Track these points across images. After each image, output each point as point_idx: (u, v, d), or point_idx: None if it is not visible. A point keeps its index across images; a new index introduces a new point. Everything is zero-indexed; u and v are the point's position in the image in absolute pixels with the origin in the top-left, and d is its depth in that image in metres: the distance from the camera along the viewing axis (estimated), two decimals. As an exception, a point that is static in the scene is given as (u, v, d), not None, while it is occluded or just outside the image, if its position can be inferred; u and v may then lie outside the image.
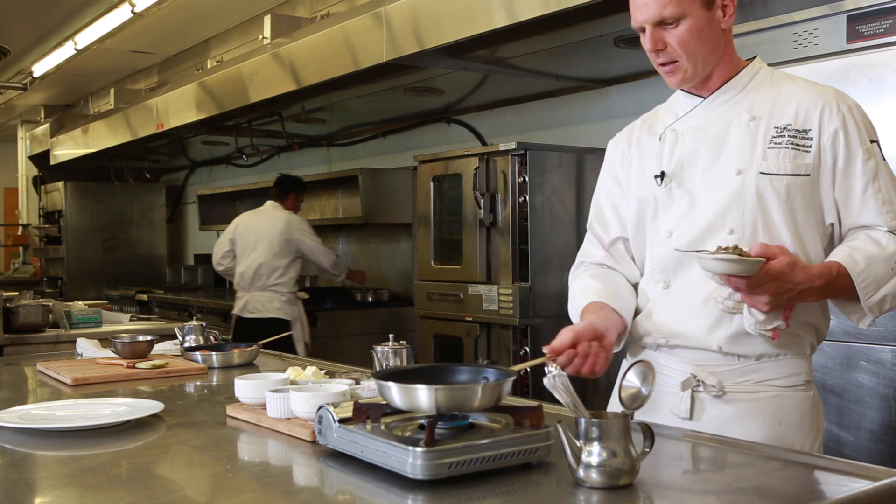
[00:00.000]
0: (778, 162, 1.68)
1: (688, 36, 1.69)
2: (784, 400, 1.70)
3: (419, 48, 3.73)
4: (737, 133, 1.73)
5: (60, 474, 1.47)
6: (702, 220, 1.73)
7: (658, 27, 1.70)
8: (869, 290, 1.63)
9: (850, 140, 1.68)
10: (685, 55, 1.71)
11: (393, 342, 2.06)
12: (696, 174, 1.76)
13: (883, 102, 2.45)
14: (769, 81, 1.78)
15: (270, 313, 5.28)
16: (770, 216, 1.69)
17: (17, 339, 3.82)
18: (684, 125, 1.81)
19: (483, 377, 1.48)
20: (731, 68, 1.78)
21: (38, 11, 6.65)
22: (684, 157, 1.79)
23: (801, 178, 1.68)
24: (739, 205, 1.70)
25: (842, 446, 2.52)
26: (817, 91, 1.73)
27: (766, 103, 1.74)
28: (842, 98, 1.72)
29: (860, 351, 2.50)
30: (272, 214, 5.46)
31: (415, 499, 1.24)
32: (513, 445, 1.33)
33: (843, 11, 2.52)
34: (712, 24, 1.71)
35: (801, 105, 1.71)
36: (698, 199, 1.75)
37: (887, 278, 1.64)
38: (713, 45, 1.72)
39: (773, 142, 1.69)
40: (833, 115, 1.69)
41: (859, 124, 1.70)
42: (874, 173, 1.69)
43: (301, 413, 1.63)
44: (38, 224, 9.59)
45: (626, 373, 1.41)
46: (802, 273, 1.58)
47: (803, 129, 1.69)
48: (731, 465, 1.47)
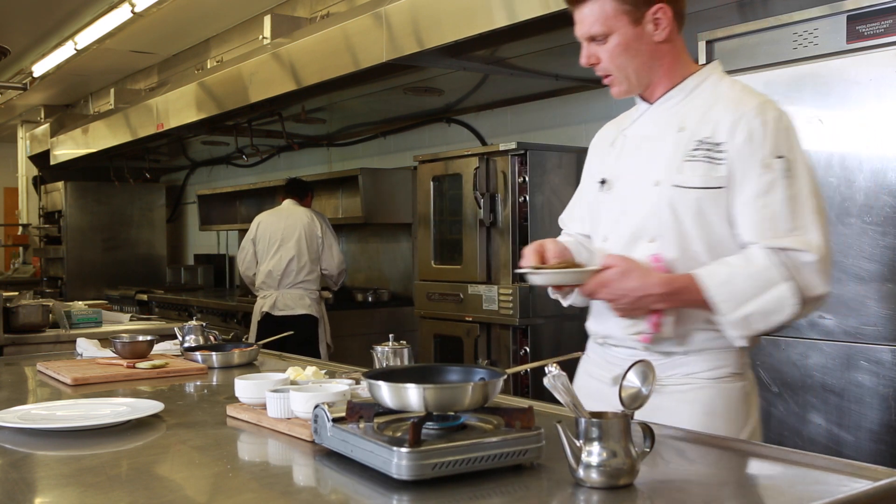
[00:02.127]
0: (692, 175, 1.71)
1: (616, 51, 1.76)
2: (711, 391, 1.74)
3: (419, 48, 3.73)
4: (665, 143, 1.78)
5: (60, 474, 1.47)
6: (628, 228, 1.80)
7: (591, 42, 1.79)
8: (728, 306, 1.64)
9: (753, 153, 1.69)
10: (615, 69, 1.79)
11: (393, 342, 2.07)
12: (629, 182, 1.83)
13: (883, 102, 2.45)
14: (710, 91, 1.80)
15: (302, 310, 5.28)
16: (684, 227, 1.72)
17: (17, 339, 3.82)
18: (632, 131, 1.89)
19: (473, 377, 1.49)
20: (674, 77, 1.81)
21: (38, 11, 6.65)
22: (623, 165, 1.86)
23: (713, 192, 1.70)
24: (656, 215, 1.75)
25: (842, 446, 2.52)
26: (740, 103, 1.74)
27: (696, 114, 1.77)
28: (761, 111, 1.71)
29: (860, 351, 2.50)
30: (294, 210, 5.46)
31: (400, 499, 1.24)
32: (502, 447, 1.33)
33: (843, 11, 2.52)
34: (642, 39, 1.76)
35: (721, 117, 1.73)
36: (627, 206, 1.82)
37: (751, 295, 1.63)
38: (645, 59, 1.77)
39: (690, 154, 1.73)
40: (743, 128, 1.70)
41: (767, 138, 1.69)
42: (767, 188, 1.67)
43: (301, 413, 1.63)
44: (38, 224, 9.59)
45: (627, 373, 1.41)
46: (637, 280, 1.65)
47: (717, 141, 1.71)
48: (731, 465, 1.47)
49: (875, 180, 2.47)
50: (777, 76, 2.67)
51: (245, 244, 5.53)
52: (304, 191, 5.61)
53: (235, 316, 6.17)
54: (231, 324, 6.15)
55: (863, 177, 2.49)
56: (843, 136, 2.54)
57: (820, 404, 2.59)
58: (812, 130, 2.60)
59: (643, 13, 1.74)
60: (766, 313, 1.64)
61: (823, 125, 2.58)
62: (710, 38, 2.84)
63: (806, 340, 2.62)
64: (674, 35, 1.79)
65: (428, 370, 1.58)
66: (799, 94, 2.63)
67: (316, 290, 5.38)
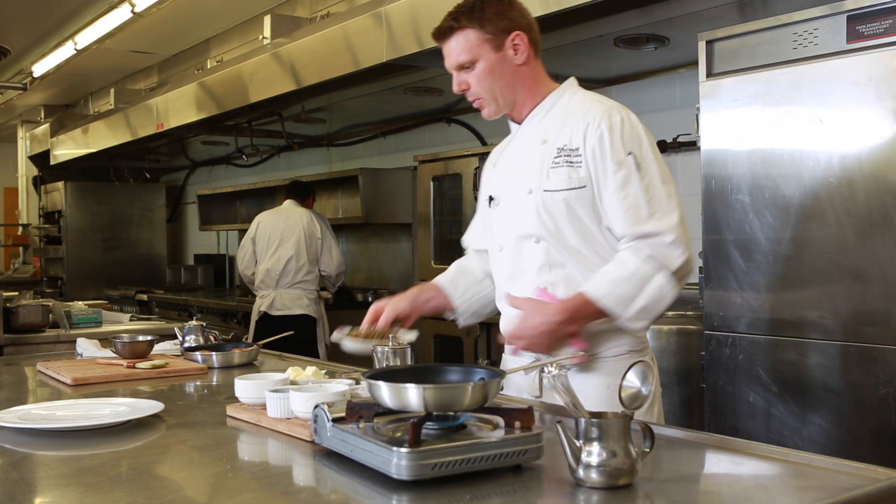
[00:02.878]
0: (557, 179, 1.94)
1: (482, 75, 1.98)
2: (611, 366, 1.93)
3: (419, 48, 3.73)
4: (532, 156, 2.00)
5: (60, 474, 1.47)
6: (515, 234, 2.02)
7: (460, 71, 2.00)
8: (620, 308, 1.85)
9: (605, 154, 1.90)
10: (484, 92, 2.00)
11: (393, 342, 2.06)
12: (510, 194, 2.05)
13: (883, 102, 2.45)
14: (566, 104, 2.02)
15: (300, 310, 5.28)
16: (559, 226, 1.94)
17: (17, 339, 3.82)
18: (508, 151, 2.12)
19: (472, 377, 1.49)
20: (536, 96, 2.04)
21: (38, 11, 6.65)
22: (503, 181, 2.09)
23: (577, 191, 1.92)
24: (535, 219, 1.96)
25: (842, 446, 2.52)
26: (590, 111, 1.95)
27: (555, 126, 1.99)
28: (607, 115, 1.93)
29: (860, 351, 2.50)
30: (295, 211, 5.47)
31: (399, 499, 1.24)
32: (501, 447, 1.33)
33: (843, 11, 2.52)
34: (504, 62, 1.98)
35: (575, 126, 1.95)
36: (512, 216, 2.03)
37: (634, 293, 1.85)
38: (508, 81, 2.00)
39: (553, 162, 1.95)
40: (592, 133, 1.92)
41: (615, 139, 1.90)
42: (623, 182, 1.89)
43: (301, 413, 1.63)
44: (38, 224, 9.59)
45: (627, 373, 1.42)
46: (537, 317, 1.87)
47: (574, 147, 1.94)
48: (731, 465, 1.47)
49: (875, 180, 2.47)
50: (777, 76, 2.67)
51: (245, 243, 5.53)
52: (305, 192, 5.62)
53: (235, 316, 6.17)
54: (231, 324, 6.15)
55: (863, 177, 2.49)
56: (843, 136, 2.54)
57: (820, 404, 2.59)
58: (812, 130, 2.60)
59: (503, 40, 1.97)
60: (654, 301, 1.86)
61: (823, 125, 2.58)
62: (710, 38, 2.84)
63: (806, 340, 2.62)
64: (531, 59, 2.01)
65: (428, 370, 1.58)
66: (799, 94, 2.63)
67: (314, 290, 5.38)
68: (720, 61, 2.83)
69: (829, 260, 2.56)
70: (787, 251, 2.65)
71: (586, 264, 1.93)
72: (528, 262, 1.99)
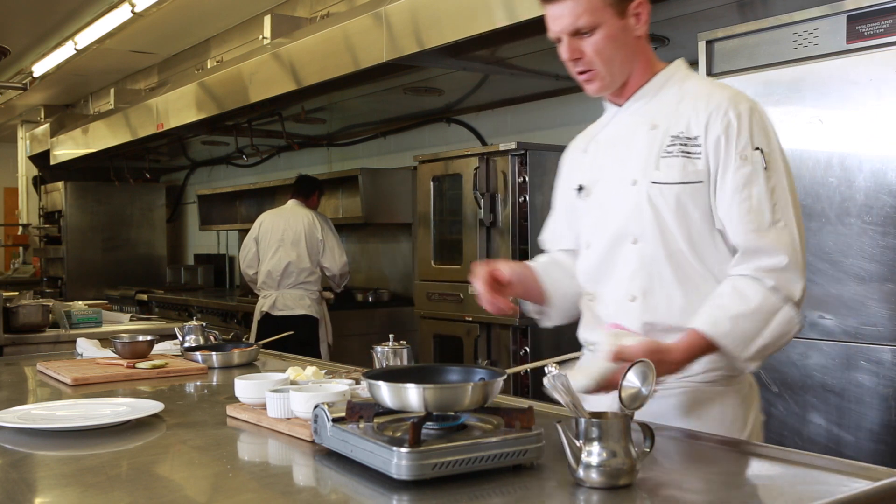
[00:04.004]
0: (668, 171, 1.70)
1: (603, 44, 1.73)
2: (703, 394, 1.72)
3: (419, 48, 3.73)
4: (639, 142, 1.77)
5: (60, 474, 1.47)
6: (610, 231, 1.78)
7: (574, 37, 1.74)
8: (740, 349, 1.62)
9: (729, 146, 1.68)
10: (602, 63, 1.75)
11: (393, 342, 2.07)
12: (607, 185, 1.82)
13: (883, 102, 2.45)
14: (678, 87, 1.79)
15: (302, 310, 5.29)
16: (666, 225, 1.71)
17: (17, 339, 3.82)
18: (604, 135, 1.88)
19: (473, 377, 1.49)
20: (646, 74, 1.81)
21: (38, 11, 6.64)
22: (598, 169, 1.85)
23: (691, 186, 1.69)
24: (637, 215, 1.73)
25: (842, 446, 2.52)
26: (713, 96, 1.73)
27: (667, 111, 1.76)
28: (734, 103, 1.71)
29: (860, 351, 2.50)
30: (297, 212, 5.47)
31: (399, 499, 1.24)
32: (501, 447, 1.32)
33: (843, 11, 2.52)
34: (626, 31, 1.75)
35: (694, 112, 1.72)
36: (607, 209, 1.80)
37: (757, 331, 1.62)
38: (628, 52, 1.76)
39: (666, 150, 1.72)
40: (718, 121, 1.69)
41: (742, 130, 1.68)
42: (746, 181, 1.66)
43: (301, 413, 1.63)
44: (38, 224, 9.59)
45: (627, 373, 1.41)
46: (665, 367, 1.56)
47: (693, 136, 1.71)
48: (732, 464, 1.47)
49: (875, 180, 2.47)
50: (777, 76, 2.67)
51: (248, 242, 5.54)
52: (310, 190, 5.60)
53: (235, 316, 6.17)
54: (231, 324, 6.15)
55: (863, 177, 2.49)
56: (843, 136, 2.54)
57: (820, 404, 2.59)
58: (812, 130, 2.60)
59: (626, 6, 1.74)
60: (777, 338, 1.63)
61: (823, 125, 2.58)
62: (710, 38, 2.84)
63: (806, 340, 2.62)
64: (646, 32, 1.80)
65: (428, 370, 1.58)
66: (799, 94, 2.63)
67: (317, 290, 5.38)
68: (720, 61, 2.83)
69: (829, 260, 2.56)
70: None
71: (688, 273, 1.70)
72: (622, 265, 1.76)
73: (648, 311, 1.73)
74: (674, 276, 1.71)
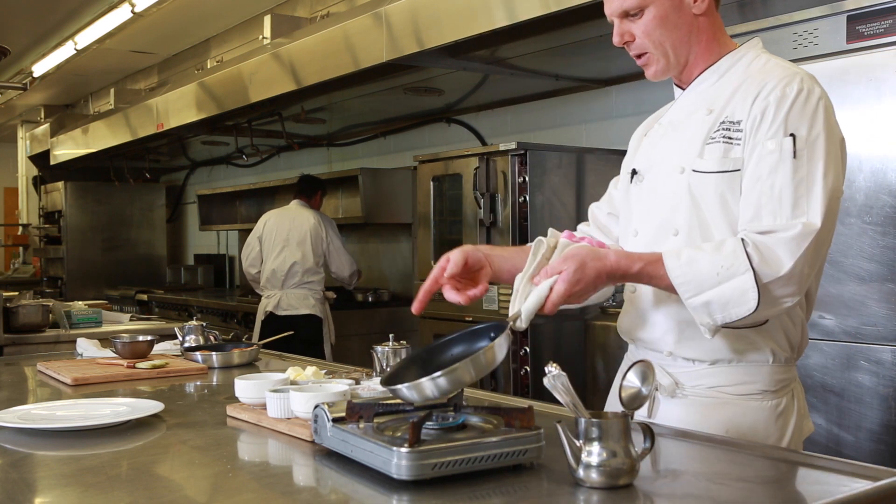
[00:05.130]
0: (710, 158, 1.60)
1: (652, 25, 1.64)
2: (735, 408, 1.63)
3: (419, 48, 3.73)
4: (693, 128, 1.66)
5: (60, 474, 1.47)
6: (656, 221, 1.70)
7: (624, 19, 1.67)
8: (687, 289, 1.50)
9: (762, 127, 1.55)
10: (652, 45, 1.66)
11: (393, 342, 2.06)
12: (658, 172, 1.72)
13: (883, 102, 2.45)
14: (744, 69, 1.66)
15: (306, 310, 5.30)
16: (704, 215, 1.61)
17: (17, 339, 3.82)
18: (665, 119, 1.78)
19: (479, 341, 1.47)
20: (711, 56, 1.69)
21: (38, 11, 6.65)
22: (654, 153, 1.75)
23: (730, 175, 1.57)
24: (679, 205, 1.64)
25: (842, 446, 2.53)
26: (769, 75, 1.59)
27: (726, 94, 1.64)
28: (783, 83, 1.56)
29: (860, 351, 2.50)
30: (301, 212, 5.47)
31: (399, 499, 1.24)
32: (501, 447, 1.32)
33: (843, 11, 2.52)
34: (680, 10, 1.64)
35: (746, 93, 1.60)
36: (655, 198, 1.71)
37: (711, 282, 1.49)
38: (684, 33, 1.65)
39: (711, 136, 1.61)
40: (760, 103, 1.56)
41: (780, 112, 1.54)
42: (772, 168, 1.52)
43: (301, 413, 1.63)
44: (38, 224, 9.59)
45: (627, 373, 1.41)
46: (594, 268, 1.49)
47: (737, 119, 1.59)
48: (732, 464, 1.47)
49: (875, 180, 2.47)
50: (777, 76, 2.67)
51: (251, 241, 5.54)
52: (313, 190, 5.61)
53: (235, 316, 6.17)
54: (231, 324, 6.15)
55: (863, 177, 2.49)
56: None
57: (820, 404, 2.59)
58: (812, 130, 2.60)
59: None
60: (726, 303, 1.49)
61: (823, 125, 2.58)
62: (710, 38, 2.84)
63: (806, 340, 2.62)
64: (712, 10, 1.67)
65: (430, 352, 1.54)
66: (799, 94, 2.63)
67: (320, 290, 5.40)
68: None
69: (829, 260, 2.56)
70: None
71: None
72: None
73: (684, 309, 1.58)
74: None
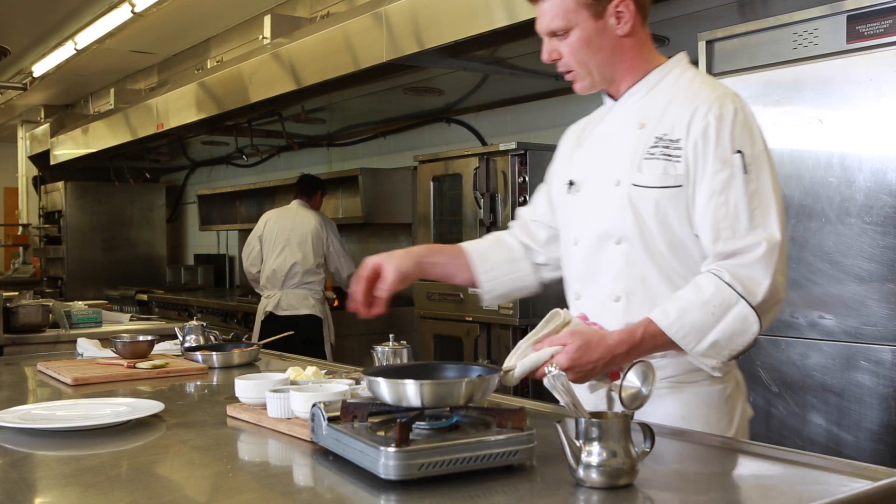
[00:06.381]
0: (650, 174, 1.67)
1: (577, 46, 1.72)
2: (687, 395, 1.69)
3: (419, 48, 3.73)
4: (626, 142, 1.74)
5: (60, 474, 1.47)
6: (595, 231, 1.76)
7: (552, 38, 1.75)
8: (690, 340, 1.58)
9: (707, 149, 1.63)
10: (577, 64, 1.74)
11: (393, 342, 2.07)
12: (595, 183, 1.79)
13: (883, 102, 2.45)
14: (672, 85, 1.75)
15: (306, 310, 5.30)
16: (647, 227, 1.68)
17: (17, 339, 3.82)
18: (598, 131, 1.86)
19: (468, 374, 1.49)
20: (638, 72, 1.77)
21: (38, 11, 6.64)
22: (589, 165, 1.83)
23: (671, 190, 1.66)
24: (619, 216, 1.71)
25: (842, 446, 2.52)
26: (698, 96, 1.68)
27: (657, 110, 1.72)
28: (718, 104, 1.65)
29: (860, 351, 2.50)
30: (302, 212, 5.47)
31: (387, 499, 1.24)
32: (491, 447, 1.31)
33: (843, 11, 2.52)
34: (604, 33, 1.72)
35: (679, 112, 1.68)
36: (593, 208, 1.78)
37: (709, 324, 1.57)
38: (608, 54, 1.73)
39: (649, 152, 1.69)
40: (698, 123, 1.65)
41: (722, 133, 1.63)
42: (724, 185, 1.61)
43: (301, 413, 1.63)
44: (38, 224, 9.59)
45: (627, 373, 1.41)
46: (599, 350, 1.56)
47: (675, 138, 1.67)
48: (732, 464, 1.47)
49: (875, 180, 2.47)
50: (777, 76, 2.67)
51: (251, 240, 5.54)
52: (313, 189, 5.61)
53: (235, 316, 6.17)
54: (231, 324, 6.15)
55: (863, 177, 2.49)
56: (843, 136, 2.54)
57: (820, 404, 2.59)
58: (812, 130, 2.60)
59: (605, 7, 1.70)
60: (730, 336, 1.58)
61: (823, 125, 2.58)
62: (710, 38, 2.84)
63: (806, 340, 2.62)
64: (637, 28, 1.74)
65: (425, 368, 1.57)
66: (799, 94, 2.63)
67: (320, 290, 5.40)
68: (720, 61, 2.83)
69: (829, 260, 2.56)
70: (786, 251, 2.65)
71: (670, 275, 1.68)
72: (606, 264, 1.74)
73: (632, 312, 1.70)
74: (657, 278, 1.68)
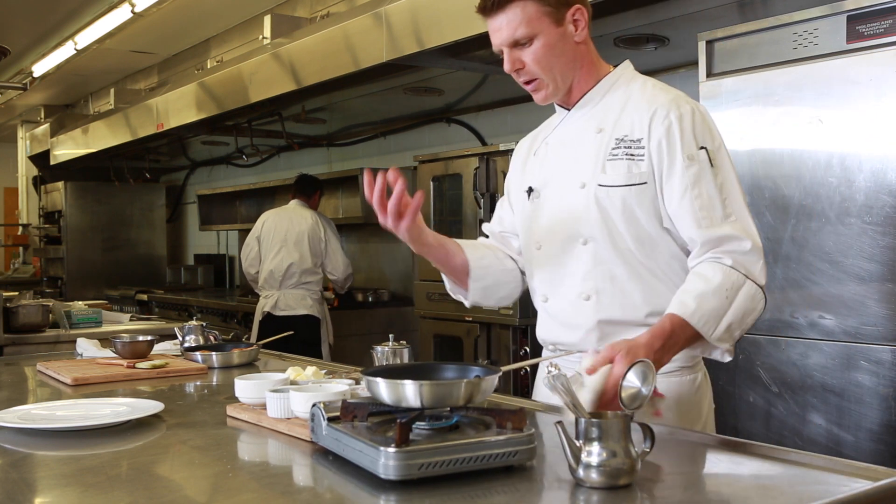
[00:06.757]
0: (615, 173, 1.76)
1: (541, 52, 1.78)
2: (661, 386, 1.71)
3: (419, 48, 3.73)
4: (586, 146, 1.82)
5: (60, 474, 1.47)
6: (562, 233, 1.84)
7: (514, 48, 1.79)
8: (710, 327, 1.65)
9: (672, 148, 1.72)
10: (542, 72, 1.80)
11: (393, 342, 2.07)
12: (556, 188, 1.86)
13: (883, 102, 2.45)
14: (624, 90, 1.84)
15: (304, 310, 5.30)
16: (614, 225, 1.76)
17: (17, 339, 3.82)
18: (553, 139, 1.93)
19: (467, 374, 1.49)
20: (591, 79, 1.86)
21: (38, 11, 6.65)
22: (548, 172, 1.90)
23: (637, 188, 1.74)
24: (586, 217, 1.78)
25: (842, 446, 2.53)
26: (656, 99, 1.78)
27: (613, 114, 1.81)
28: (675, 105, 1.76)
29: (860, 351, 2.50)
30: (300, 212, 5.47)
31: (387, 499, 1.24)
32: (491, 448, 1.31)
33: (843, 11, 2.52)
34: (565, 39, 1.79)
35: (637, 114, 1.77)
36: (557, 212, 1.85)
37: (724, 308, 1.65)
38: (569, 59, 1.81)
39: (611, 153, 1.77)
40: (659, 124, 1.74)
41: (685, 131, 1.73)
42: (694, 180, 1.71)
43: (301, 413, 1.63)
44: (38, 224, 9.59)
45: (627, 373, 1.41)
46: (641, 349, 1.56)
47: (637, 138, 1.76)
48: (731, 464, 1.47)
49: (875, 180, 2.47)
50: (777, 76, 2.67)
51: (250, 241, 5.54)
52: (312, 189, 5.61)
53: (235, 316, 6.17)
54: (231, 324, 6.15)
55: (863, 177, 2.49)
56: (843, 136, 2.54)
57: (820, 404, 2.59)
58: (812, 130, 2.60)
59: (563, 14, 1.78)
60: (742, 316, 1.67)
61: (823, 125, 2.58)
62: (710, 38, 2.84)
63: (806, 340, 2.62)
64: (588, 38, 1.84)
65: (425, 368, 1.57)
66: (799, 94, 2.63)
67: (318, 290, 5.40)
68: (720, 61, 2.83)
69: (829, 260, 2.56)
70: (787, 251, 2.65)
71: (637, 269, 1.76)
72: (574, 265, 1.81)
73: (602, 310, 1.78)
74: (625, 275, 1.76)
